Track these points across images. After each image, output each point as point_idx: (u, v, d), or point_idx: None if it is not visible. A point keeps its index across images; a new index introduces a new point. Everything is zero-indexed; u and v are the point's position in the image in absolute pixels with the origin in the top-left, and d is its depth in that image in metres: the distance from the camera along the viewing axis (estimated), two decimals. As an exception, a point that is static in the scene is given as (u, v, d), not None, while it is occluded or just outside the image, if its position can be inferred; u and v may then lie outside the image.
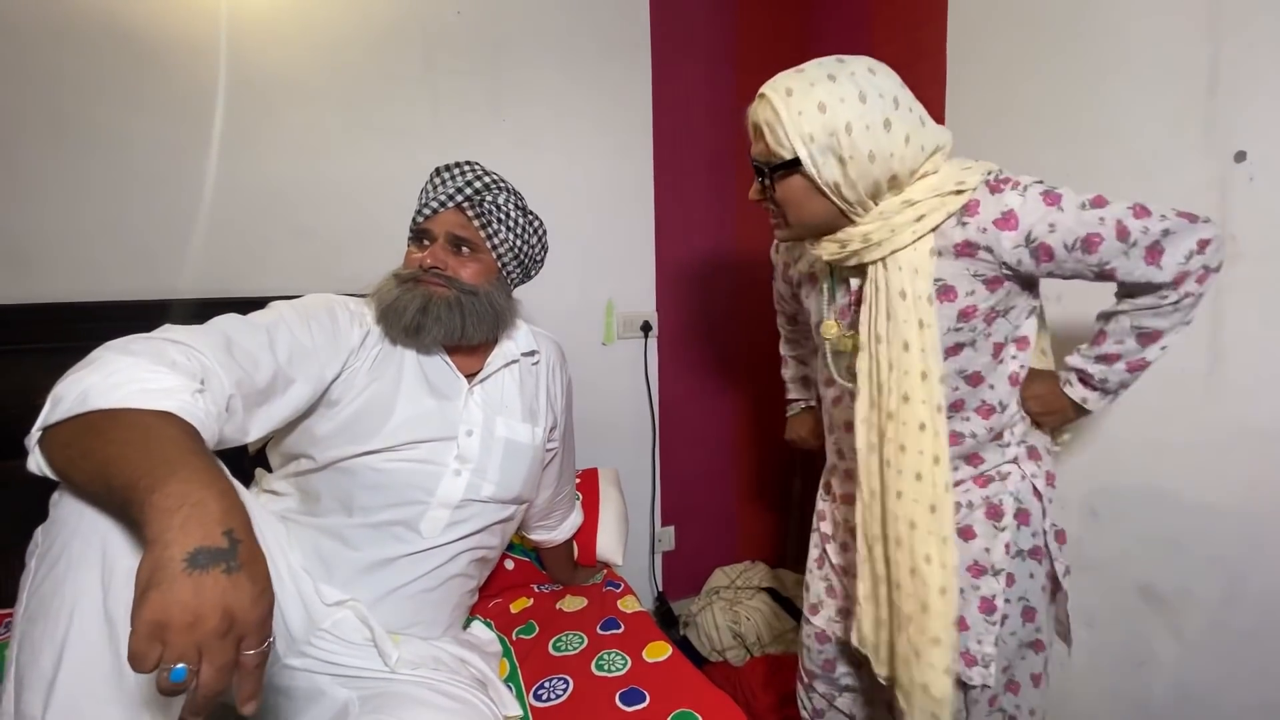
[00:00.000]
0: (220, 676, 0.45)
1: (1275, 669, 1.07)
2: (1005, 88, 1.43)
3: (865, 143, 0.77)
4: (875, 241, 0.82)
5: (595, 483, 1.46)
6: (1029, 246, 0.79)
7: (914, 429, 0.83)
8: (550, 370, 1.08)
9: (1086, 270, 0.80)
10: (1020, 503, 0.93)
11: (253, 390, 0.72)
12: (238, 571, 0.47)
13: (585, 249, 1.79)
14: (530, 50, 1.66)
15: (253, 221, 1.43)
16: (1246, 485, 1.10)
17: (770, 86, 0.81)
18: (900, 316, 0.82)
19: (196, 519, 0.47)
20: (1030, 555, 0.94)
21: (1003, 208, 0.78)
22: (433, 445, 0.90)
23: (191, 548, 0.46)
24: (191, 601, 0.44)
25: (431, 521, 0.89)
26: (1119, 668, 1.30)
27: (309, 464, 0.86)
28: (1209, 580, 1.15)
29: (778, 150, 0.81)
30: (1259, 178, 1.05)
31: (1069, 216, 0.78)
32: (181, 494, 0.48)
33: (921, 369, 0.82)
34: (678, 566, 2.02)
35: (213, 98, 1.36)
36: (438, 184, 0.92)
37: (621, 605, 1.16)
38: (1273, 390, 1.05)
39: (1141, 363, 0.87)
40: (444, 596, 0.92)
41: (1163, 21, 1.15)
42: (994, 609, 0.92)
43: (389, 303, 0.89)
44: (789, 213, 0.85)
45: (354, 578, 0.85)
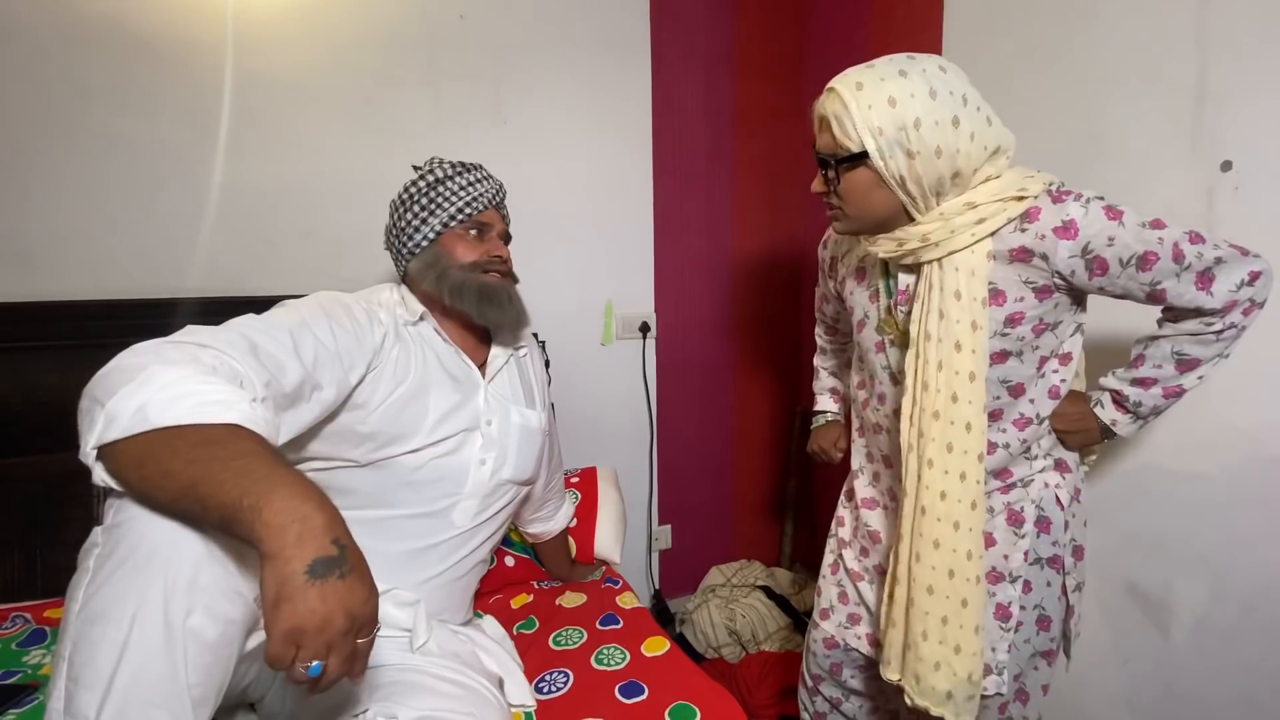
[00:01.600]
0: (346, 665, 0.52)
1: (1258, 665, 1.10)
2: (999, 96, 1.44)
3: (933, 138, 0.78)
4: (934, 241, 0.83)
5: (594, 481, 1.48)
6: (1085, 258, 0.79)
7: (961, 429, 0.84)
8: (534, 361, 1.15)
9: (1138, 289, 0.81)
10: (1042, 510, 0.93)
11: (280, 394, 0.72)
12: (350, 575, 0.52)
13: (584, 250, 1.81)
14: (532, 54, 1.68)
15: (257, 221, 1.45)
16: (1229, 485, 1.13)
17: (839, 80, 0.81)
18: (954, 316, 0.83)
19: (309, 533, 0.51)
20: (1049, 564, 0.94)
21: (1064, 216, 0.79)
22: (461, 437, 0.95)
23: (310, 560, 0.50)
24: (320, 608, 0.50)
25: (463, 511, 0.95)
26: (1105, 665, 1.32)
27: (345, 463, 0.88)
28: (1193, 578, 1.18)
29: (845, 142, 0.81)
30: (1244, 186, 1.07)
31: (1129, 233, 0.78)
32: (289, 510, 0.52)
33: (971, 370, 0.83)
34: (674, 565, 2.05)
35: (218, 99, 1.38)
36: (473, 182, 0.98)
37: (620, 601, 1.18)
38: (1256, 392, 1.08)
39: (1178, 390, 0.86)
40: (467, 585, 0.99)
41: (1152, 33, 1.18)
42: (1009, 615, 0.93)
43: (475, 292, 0.95)
44: (850, 205, 0.86)
45: (390, 569, 0.87)
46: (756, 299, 2.07)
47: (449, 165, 0.99)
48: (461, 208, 0.97)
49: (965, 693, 0.87)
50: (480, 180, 0.99)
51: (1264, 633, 1.09)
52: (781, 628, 1.79)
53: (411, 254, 0.97)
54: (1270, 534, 1.08)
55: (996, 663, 0.93)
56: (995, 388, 0.88)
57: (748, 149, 2.00)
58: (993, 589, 0.93)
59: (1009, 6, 1.42)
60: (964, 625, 0.86)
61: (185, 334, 0.68)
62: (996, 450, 0.91)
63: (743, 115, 1.99)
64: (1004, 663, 0.93)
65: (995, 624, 0.93)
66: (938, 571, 0.87)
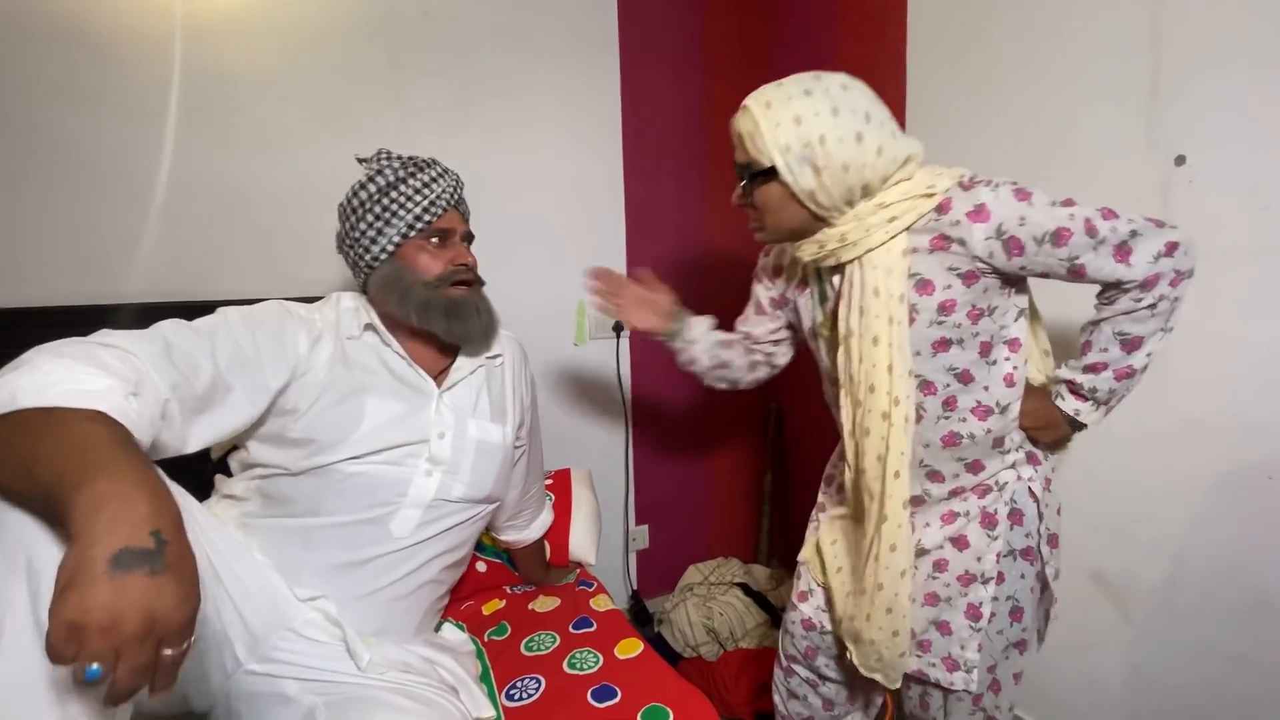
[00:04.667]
0: (136, 677, 0.45)
1: (1218, 646, 1.13)
2: (962, 94, 1.48)
3: (839, 154, 0.81)
4: (851, 241, 0.86)
5: (568, 483, 1.46)
6: (1000, 239, 0.82)
7: (877, 416, 0.89)
8: (515, 369, 1.09)
9: (1057, 265, 0.83)
10: (1015, 503, 0.96)
11: (190, 396, 0.72)
12: (163, 574, 0.46)
13: (555, 249, 1.79)
14: (498, 50, 1.66)
15: (209, 222, 1.40)
16: (1187, 473, 1.15)
17: (752, 98, 0.86)
18: (872, 312, 0.86)
19: (124, 518, 0.46)
20: (1023, 555, 0.97)
21: (975, 201, 0.82)
22: (404, 449, 0.90)
23: (116, 548, 0.45)
24: (110, 604, 0.44)
25: (402, 521, 0.89)
26: (1072, 650, 1.35)
27: (279, 470, 0.86)
28: (1154, 564, 1.21)
29: (757, 158, 0.85)
30: (1198, 181, 1.10)
31: (1039, 211, 0.81)
32: (109, 491, 0.47)
33: (888, 362, 0.86)
34: (652, 564, 2.04)
35: (167, 93, 1.33)
36: (428, 183, 0.93)
37: (594, 604, 1.17)
38: (1212, 383, 1.11)
39: (1128, 370, 0.88)
40: (414, 604, 0.92)
41: (1109, 31, 1.20)
42: (979, 615, 0.95)
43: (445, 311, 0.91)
44: (767, 216, 0.90)
45: (321, 581, 0.84)
46: (730, 296, 2.05)
47: (400, 165, 0.94)
48: (419, 215, 0.91)
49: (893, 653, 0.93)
50: (435, 179, 0.93)
51: (1224, 616, 1.12)
52: (759, 624, 1.79)
53: (370, 267, 0.94)
54: (1227, 520, 1.11)
55: (966, 661, 0.95)
56: (943, 375, 0.91)
57: (717, 148, 1.99)
58: (964, 590, 0.96)
59: (971, 5, 1.44)
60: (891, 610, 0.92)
61: (97, 335, 0.67)
62: (962, 441, 0.93)
63: (712, 114, 1.98)
64: (974, 661, 0.95)
65: (965, 623, 0.95)
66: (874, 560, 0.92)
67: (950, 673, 0.97)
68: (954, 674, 0.96)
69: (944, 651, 0.98)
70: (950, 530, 0.97)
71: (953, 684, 0.96)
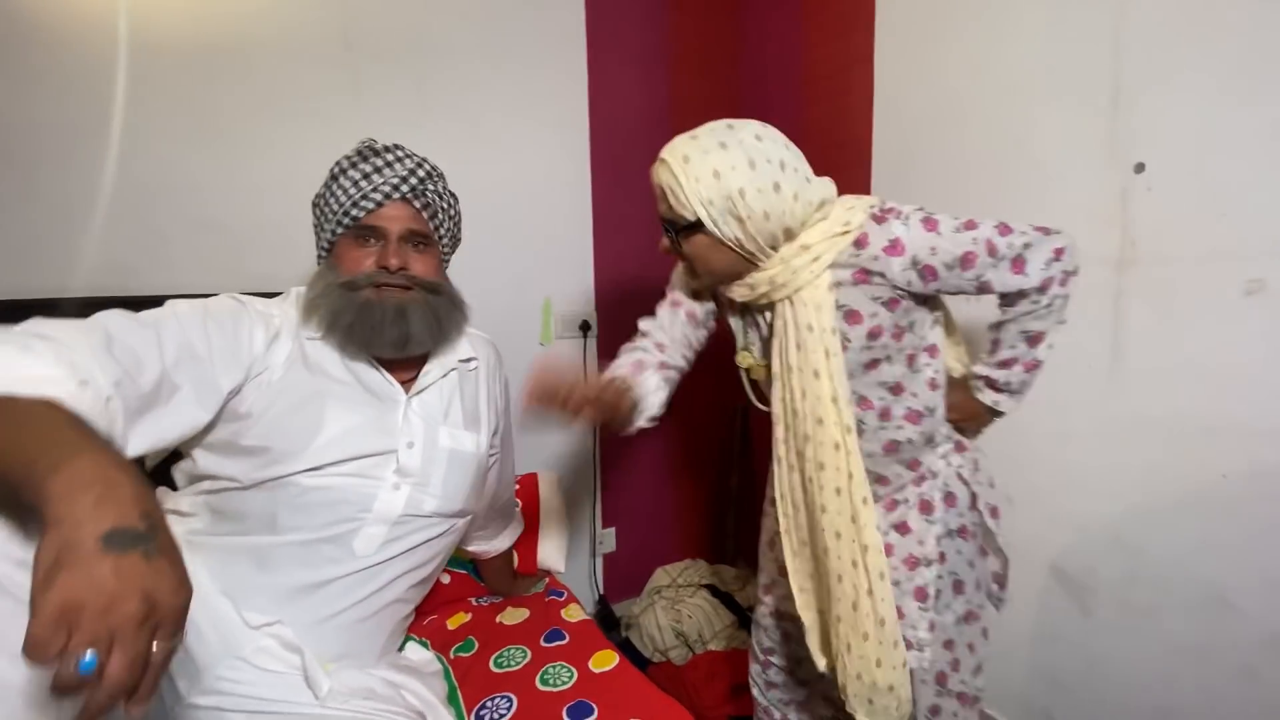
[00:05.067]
0: (130, 671, 0.40)
1: (1173, 641, 1.17)
2: (929, 97, 1.49)
3: (759, 204, 0.84)
4: (780, 283, 0.90)
5: (535, 489, 1.42)
6: (915, 269, 0.88)
7: (830, 448, 0.91)
8: (489, 372, 1.03)
9: (967, 284, 0.90)
10: (948, 487, 1.02)
11: (134, 394, 0.64)
12: (157, 556, 0.43)
13: (521, 245, 1.73)
14: (461, 34, 1.59)
15: (150, 212, 1.29)
16: (1145, 471, 1.19)
17: (669, 151, 0.87)
18: (810, 347, 0.90)
19: (112, 498, 0.43)
20: (958, 534, 1.02)
21: (890, 236, 0.87)
22: (369, 460, 0.83)
23: (107, 527, 0.41)
24: (110, 582, 0.40)
25: (366, 539, 0.82)
26: (1032, 644, 1.38)
27: (230, 484, 0.78)
28: (1112, 559, 1.25)
29: (680, 211, 0.86)
30: (1156, 188, 1.13)
31: (946, 240, 0.87)
32: (90, 473, 0.43)
33: (831, 394, 0.90)
34: (619, 568, 2.00)
35: (106, 74, 1.22)
36: (370, 171, 0.83)
37: (565, 615, 1.13)
38: (1168, 383, 1.15)
39: (1035, 362, 0.96)
40: (378, 625, 0.85)
41: (1070, 40, 1.22)
42: (927, 596, 0.99)
43: (352, 318, 0.80)
44: (698, 265, 0.92)
45: (276, 604, 0.77)
46: (697, 296, 2.05)
47: (355, 152, 0.85)
48: (347, 209, 0.82)
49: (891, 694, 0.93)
50: (379, 170, 0.83)
51: (1181, 612, 1.15)
52: (726, 625, 1.78)
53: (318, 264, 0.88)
54: (1183, 517, 1.14)
55: (919, 640, 0.99)
56: (876, 390, 0.96)
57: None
58: (911, 574, 1.00)
59: (939, 8, 1.45)
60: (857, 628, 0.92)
61: (29, 324, 0.60)
62: (901, 446, 0.98)
63: (680, 111, 1.96)
64: (926, 640, 0.99)
65: (915, 605, 1.00)
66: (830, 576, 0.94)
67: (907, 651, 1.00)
68: (909, 653, 1.00)
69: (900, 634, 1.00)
70: (894, 517, 1.02)
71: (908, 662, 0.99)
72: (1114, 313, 1.20)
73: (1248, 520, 1.07)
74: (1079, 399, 1.27)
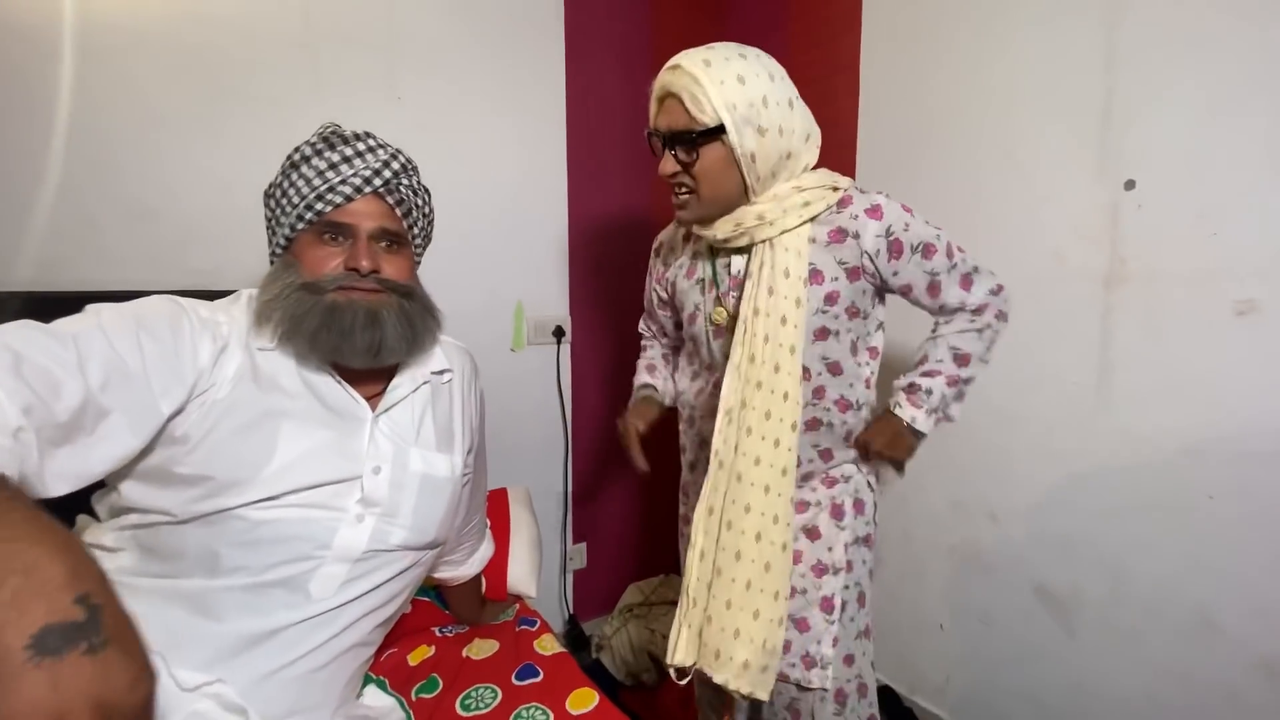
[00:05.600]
0: None
1: (1156, 660, 1.15)
2: (916, 108, 1.47)
3: (777, 117, 0.84)
4: (768, 221, 0.89)
5: (505, 505, 1.32)
6: (887, 239, 0.90)
7: (779, 398, 0.90)
8: (465, 385, 0.93)
9: (920, 278, 0.92)
10: (858, 494, 1.02)
11: (49, 423, 0.54)
12: (104, 648, 0.36)
13: (492, 246, 1.64)
14: (431, 19, 1.49)
15: (85, 200, 1.16)
16: (1131, 490, 1.18)
17: (684, 58, 0.84)
18: (781, 292, 0.89)
19: (35, 589, 0.35)
20: (864, 543, 1.02)
21: (872, 201, 0.91)
22: (329, 489, 0.72)
23: (35, 629, 0.34)
24: (48, 700, 0.33)
25: (324, 580, 0.71)
26: (1015, 663, 1.36)
27: (162, 518, 0.67)
28: (1097, 579, 1.23)
29: (700, 117, 0.83)
30: (1147, 205, 1.12)
31: (918, 223, 0.92)
32: (3, 559, 0.36)
33: (792, 343, 0.90)
34: (590, 585, 1.92)
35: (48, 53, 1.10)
36: (337, 160, 0.73)
37: (538, 647, 1.04)
38: (1156, 401, 1.13)
39: (956, 379, 0.97)
40: (335, 673, 0.74)
41: (1062, 52, 1.21)
42: (833, 607, 0.98)
43: (318, 323, 0.70)
44: (704, 185, 0.88)
45: (217, 658, 0.66)
46: (674, 303, 1.98)
47: (318, 138, 0.75)
48: (311, 202, 0.72)
49: (761, 661, 0.89)
50: (349, 159, 0.73)
51: (1166, 632, 1.14)
52: (702, 646, 1.72)
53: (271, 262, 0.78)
54: (1168, 537, 1.13)
55: (822, 657, 0.96)
56: (817, 363, 0.96)
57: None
58: (819, 582, 0.98)
59: (926, 19, 1.43)
60: (764, 589, 0.90)
61: None
62: (821, 427, 0.99)
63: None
64: (829, 657, 0.96)
65: (821, 617, 0.97)
66: (746, 536, 0.91)
67: (808, 670, 0.97)
68: (811, 671, 0.96)
69: (802, 649, 0.97)
70: (804, 519, 1.00)
71: (810, 681, 0.96)
72: (1102, 330, 1.19)
73: (1235, 542, 1.06)
74: (1065, 417, 1.25)
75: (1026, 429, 1.31)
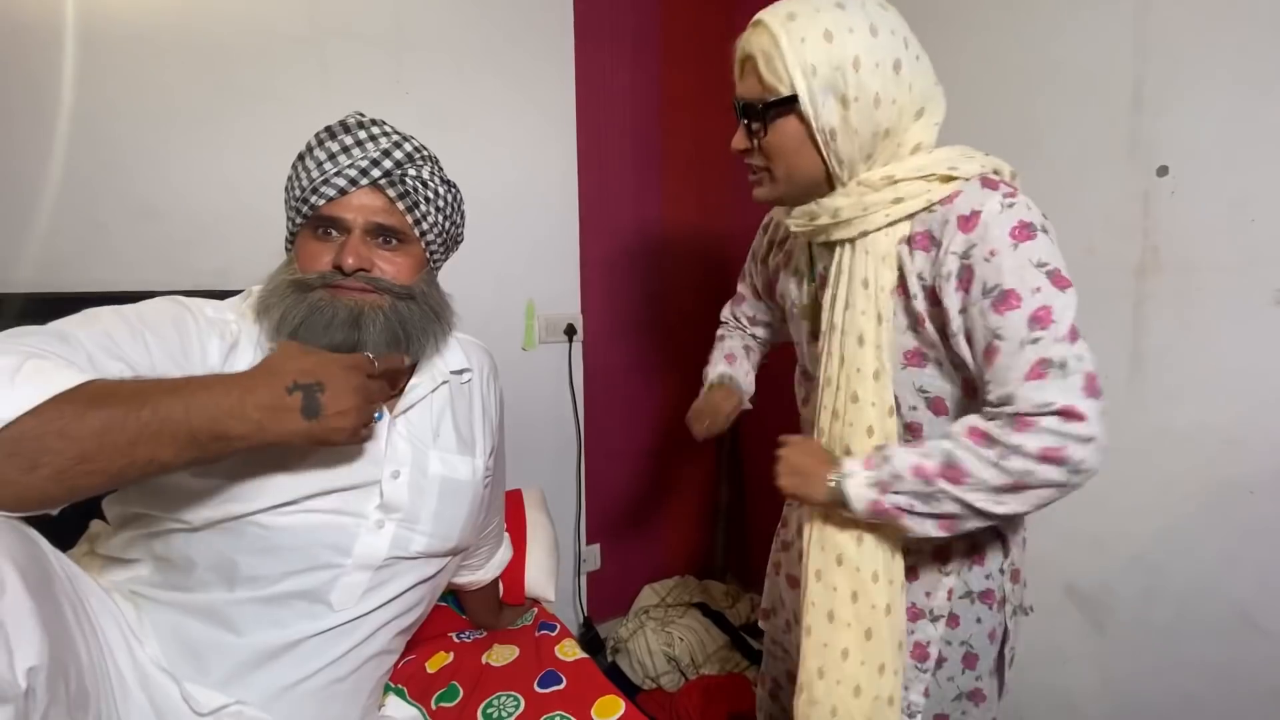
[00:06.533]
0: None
1: (1193, 661, 1.12)
2: (936, 93, 1.43)
3: (873, 83, 0.67)
4: (845, 219, 0.72)
5: (520, 507, 1.30)
6: (962, 261, 0.68)
7: (861, 432, 0.74)
8: (485, 385, 0.90)
9: (980, 334, 0.68)
10: (974, 539, 0.81)
11: None
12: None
13: (503, 245, 1.61)
14: (438, 13, 1.46)
15: (92, 201, 1.14)
16: (1165, 485, 1.14)
17: (768, 13, 0.70)
18: (859, 307, 0.73)
19: (254, 383, 0.57)
20: (981, 598, 0.83)
21: (975, 205, 0.68)
22: (348, 494, 0.70)
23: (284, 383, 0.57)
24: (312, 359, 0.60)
25: (345, 590, 0.69)
26: (1045, 663, 1.33)
27: (175, 525, 0.64)
28: (1130, 578, 1.20)
29: (773, 84, 0.69)
30: (1180, 192, 1.09)
31: (1013, 259, 0.65)
32: (223, 386, 0.55)
33: (875, 367, 0.73)
34: (604, 586, 1.89)
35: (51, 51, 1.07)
36: (336, 151, 0.69)
37: (560, 653, 1.01)
38: (1190, 395, 1.10)
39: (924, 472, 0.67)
40: (358, 685, 0.72)
41: (1090, 36, 1.17)
42: (927, 656, 0.82)
43: (299, 321, 0.67)
44: (778, 164, 0.73)
45: (237, 673, 0.63)
46: (688, 297, 1.95)
47: (324, 129, 0.72)
48: (306, 195, 0.69)
49: None
50: (348, 149, 0.69)
51: (1202, 630, 1.11)
52: (720, 646, 1.69)
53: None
54: (1206, 533, 1.10)
55: (910, 704, 0.82)
56: (912, 395, 0.77)
57: (676, 140, 1.88)
58: (912, 627, 0.82)
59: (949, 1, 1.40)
60: (865, 661, 0.75)
61: None
62: None
63: (671, 106, 1.87)
64: (919, 705, 0.82)
65: (912, 664, 0.82)
66: (839, 595, 0.75)
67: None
68: None
69: None
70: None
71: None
72: (1134, 321, 1.16)
73: (1275, 537, 1.03)
74: (1095, 410, 1.22)
75: (1054, 424, 1.28)
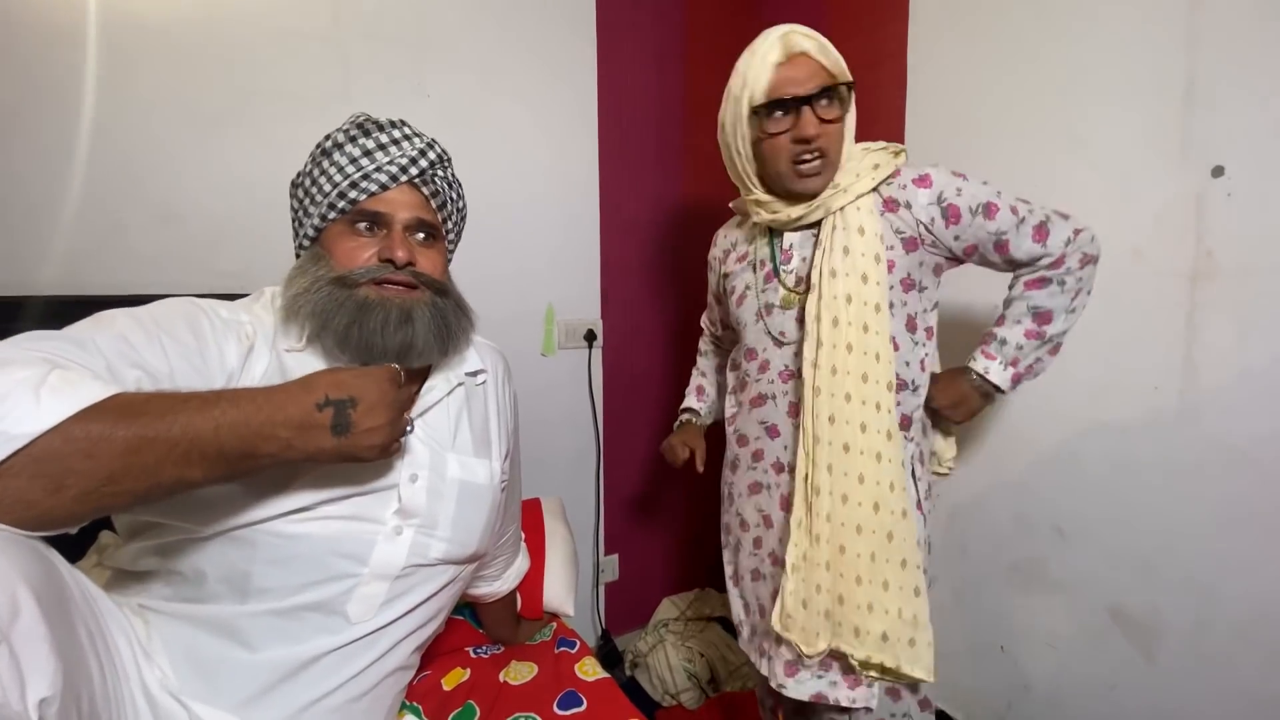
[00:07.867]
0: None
1: (1249, 691, 1.05)
2: (969, 94, 1.38)
3: None
4: (842, 188, 0.89)
5: (539, 517, 1.26)
6: (940, 205, 0.88)
7: (872, 359, 0.87)
8: (499, 387, 0.87)
9: (986, 238, 0.89)
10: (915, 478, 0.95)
11: None
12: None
13: (522, 249, 1.59)
14: (460, 13, 1.45)
15: (104, 200, 1.13)
16: (1219, 504, 1.08)
17: (789, 26, 0.89)
18: (859, 250, 0.88)
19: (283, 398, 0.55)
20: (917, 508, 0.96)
21: (920, 171, 0.91)
22: (365, 499, 0.67)
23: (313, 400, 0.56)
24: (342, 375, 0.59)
25: (363, 601, 0.66)
26: (1089, 690, 1.26)
27: (185, 532, 0.62)
28: (1181, 602, 1.13)
29: (842, 74, 0.87)
30: (1237, 193, 1.03)
31: (972, 185, 0.89)
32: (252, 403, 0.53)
33: (877, 300, 0.87)
34: (622, 598, 1.85)
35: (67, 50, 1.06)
36: (372, 148, 0.68)
37: (580, 671, 0.97)
38: (1247, 408, 1.04)
39: (1039, 333, 0.91)
40: (375, 702, 0.69)
41: (1138, 32, 1.12)
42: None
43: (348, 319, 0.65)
44: (835, 149, 0.89)
45: (250, 692, 0.61)
46: (708, 305, 1.91)
47: (352, 124, 0.71)
48: (344, 190, 0.68)
49: (901, 634, 0.86)
50: (383, 147, 0.69)
51: (1257, 658, 1.04)
52: (742, 664, 1.64)
53: (297, 255, 0.73)
54: (1265, 556, 1.03)
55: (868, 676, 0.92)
56: None
57: (699, 144, 1.84)
58: None
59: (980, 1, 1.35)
60: (890, 559, 0.87)
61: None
62: None
63: (695, 108, 1.83)
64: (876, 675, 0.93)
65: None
66: (864, 509, 0.87)
67: (853, 689, 0.89)
68: (856, 690, 0.89)
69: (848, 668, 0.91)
70: None
71: (854, 701, 0.89)
72: (1187, 329, 1.09)
73: (1345, 562, 0.96)
74: (1145, 424, 1.15)
75: (1099, 437, 1.22)
